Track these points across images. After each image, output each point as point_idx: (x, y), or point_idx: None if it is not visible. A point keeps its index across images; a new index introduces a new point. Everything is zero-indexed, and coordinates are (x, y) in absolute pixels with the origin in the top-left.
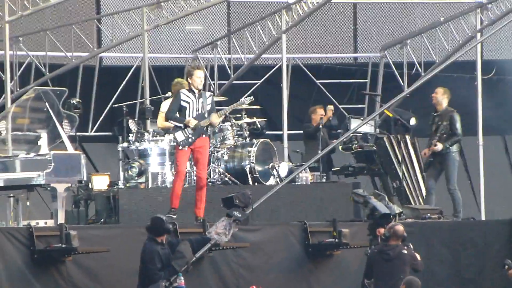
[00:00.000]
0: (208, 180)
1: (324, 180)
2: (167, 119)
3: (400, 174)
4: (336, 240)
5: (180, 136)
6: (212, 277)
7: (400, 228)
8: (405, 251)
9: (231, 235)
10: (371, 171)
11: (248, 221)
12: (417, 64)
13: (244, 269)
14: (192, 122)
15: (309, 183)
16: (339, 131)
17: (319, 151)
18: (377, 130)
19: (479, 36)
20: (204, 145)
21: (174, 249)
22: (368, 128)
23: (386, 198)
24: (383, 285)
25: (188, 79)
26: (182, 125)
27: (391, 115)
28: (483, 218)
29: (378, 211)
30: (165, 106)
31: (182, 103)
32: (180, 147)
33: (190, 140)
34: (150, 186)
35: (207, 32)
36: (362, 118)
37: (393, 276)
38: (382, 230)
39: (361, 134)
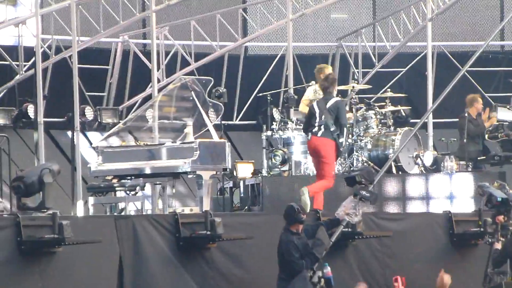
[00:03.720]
0: (352, 168)
1: (469, 170)
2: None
3: None
4: (481, 229)
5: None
6: (357, 265)
7: None
8: None
9: (362, 215)
10: None
11: (377, 200)
12: None
13: (389, 258)
14: None
15: (454, 172)
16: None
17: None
18: None
19: None
20: None
21: (308, 235)
22: None
23: (507, 186)
24: None
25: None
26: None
27: None
28: None
29: (494, 197)
30: (309, 92)
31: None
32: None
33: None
34: (293, 174)
35: (352, 20)
36: (508, 107)
37: None
38: (500, 218)
39: (508, 123)
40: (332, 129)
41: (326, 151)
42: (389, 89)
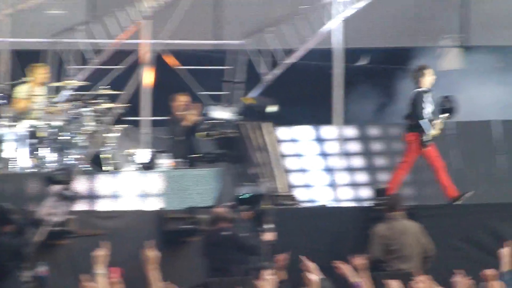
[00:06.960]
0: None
1: (186, 167)
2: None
3: (258, 160)
4: (194, 227)
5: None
6: (67, 264)
7: (219, 210)
8: (226, 233)
9: (65, 214)
10: (230, 157)
11: (77, 198)
12: (278, 52)
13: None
14: None
15: (169, 169)
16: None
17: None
18: (237, 117)
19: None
20: None
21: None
22: (227, 115)
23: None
24: (213, 269)
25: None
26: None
27: (251, 101)
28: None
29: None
30: (20, 90)
31: None
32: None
33: None
34: (2, 172)
35: (68, 16)
36: (224, 105)
37: (220, 259)
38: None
39: (222, 121)
40: (411, 123)
41: (408, 145)
42: (106, 87)
